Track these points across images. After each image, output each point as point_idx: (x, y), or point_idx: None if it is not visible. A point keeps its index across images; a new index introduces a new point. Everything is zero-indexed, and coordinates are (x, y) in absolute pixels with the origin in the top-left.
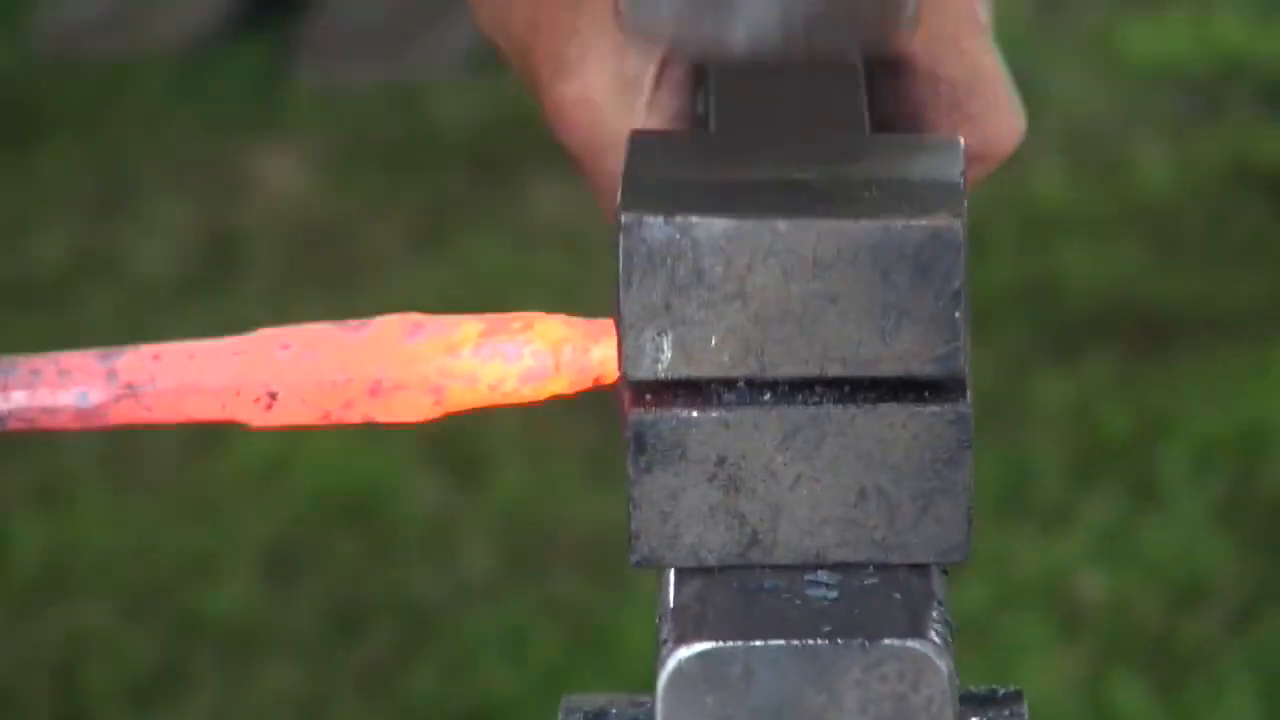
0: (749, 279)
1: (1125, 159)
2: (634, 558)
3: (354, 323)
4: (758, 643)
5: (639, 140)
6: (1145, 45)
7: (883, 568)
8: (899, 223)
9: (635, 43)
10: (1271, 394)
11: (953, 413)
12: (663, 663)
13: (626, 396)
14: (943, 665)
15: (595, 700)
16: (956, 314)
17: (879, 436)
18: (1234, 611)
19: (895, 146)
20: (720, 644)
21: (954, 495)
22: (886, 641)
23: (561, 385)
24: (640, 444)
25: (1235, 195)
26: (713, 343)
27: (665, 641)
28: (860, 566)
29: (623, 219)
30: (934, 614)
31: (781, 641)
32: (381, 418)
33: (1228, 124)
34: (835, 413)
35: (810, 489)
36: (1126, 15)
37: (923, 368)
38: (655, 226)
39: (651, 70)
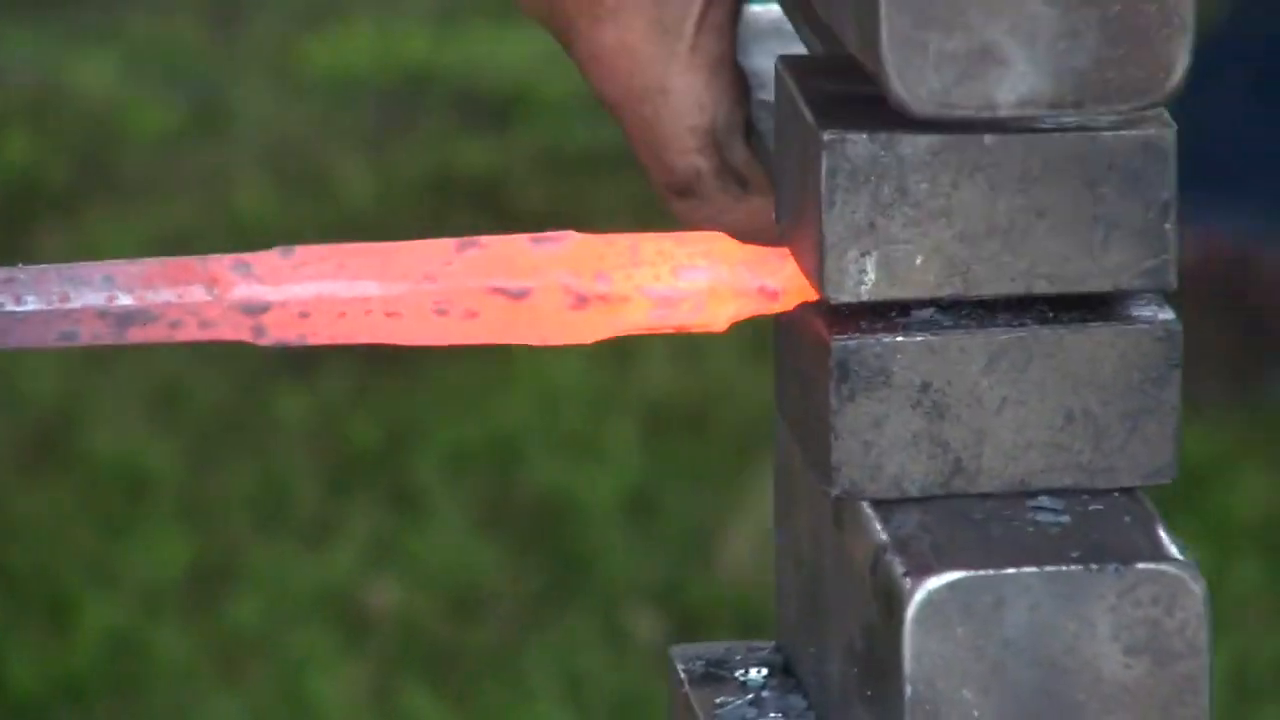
0: (954, 195)
1: (326, 173)
2: (835, 490)
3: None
4: (1010, 570)
5: (791, 62)
6: (327, 59)
7: (1091, 492)
8: (1108, 133)
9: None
10: (518, 403)
11: (1162, 329)
12: (908, 595)
13: (821, 322)
14: (1197, 588)
15: (711, 649)
16: (1167, 225)
17: (1087, 356)
18: (519, 614)
19: None
20: (971, 573)
21: (1162, 415)
22: (1141, 565)
23: (737, 311)
24: (844, 371)
25: (439, 204)
26: (918, 262)
27: (903, 574)
28: (1068, 491)
29: (825, 137)
30: (1169, 536)
31: (1034, 568)
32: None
33: (423, 134)
34: (1042, 333)
35: (1015, 413)
36: (304, 30)
37: (1133, 281)
38: (859, 144)
39: (694, 15)
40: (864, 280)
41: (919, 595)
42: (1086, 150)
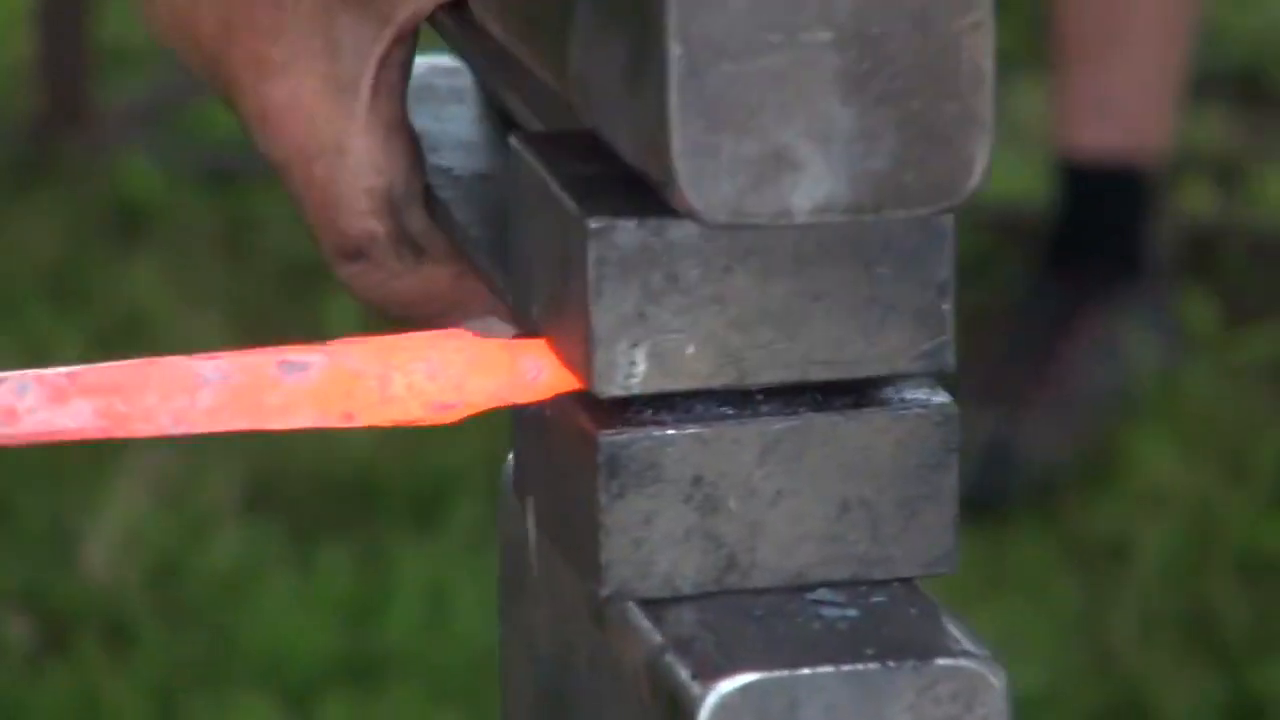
0: (727, 281)
1: None
2: (604, 591)
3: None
4: (805, 670)
5: (531, 140)
6: None
7: (868, 583)
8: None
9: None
10: None
11: (939, 413)
12: (697, 699)
13: (585, 415)
14: (997, 682)
15: None
16: (945, 305)
17: (863, 443)
18: None
19: None
20: (765, 674)
21: (940, 502)
22: (940, 661)
23: (478, 406)
24: (613, 467)
25: None
26: (689, 351)
27: (690, 676)
28: (846, 584)
29: (591, 225)
30: (961, 629)
31: (830, 668)
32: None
33: None
34: (817, 421)
35: (790, 504)
36: None
37: (911, 364)
38: (628, 231)
39: (369, 72)
40: (634, 373)
41: (710, 700)
42: (861, 232)
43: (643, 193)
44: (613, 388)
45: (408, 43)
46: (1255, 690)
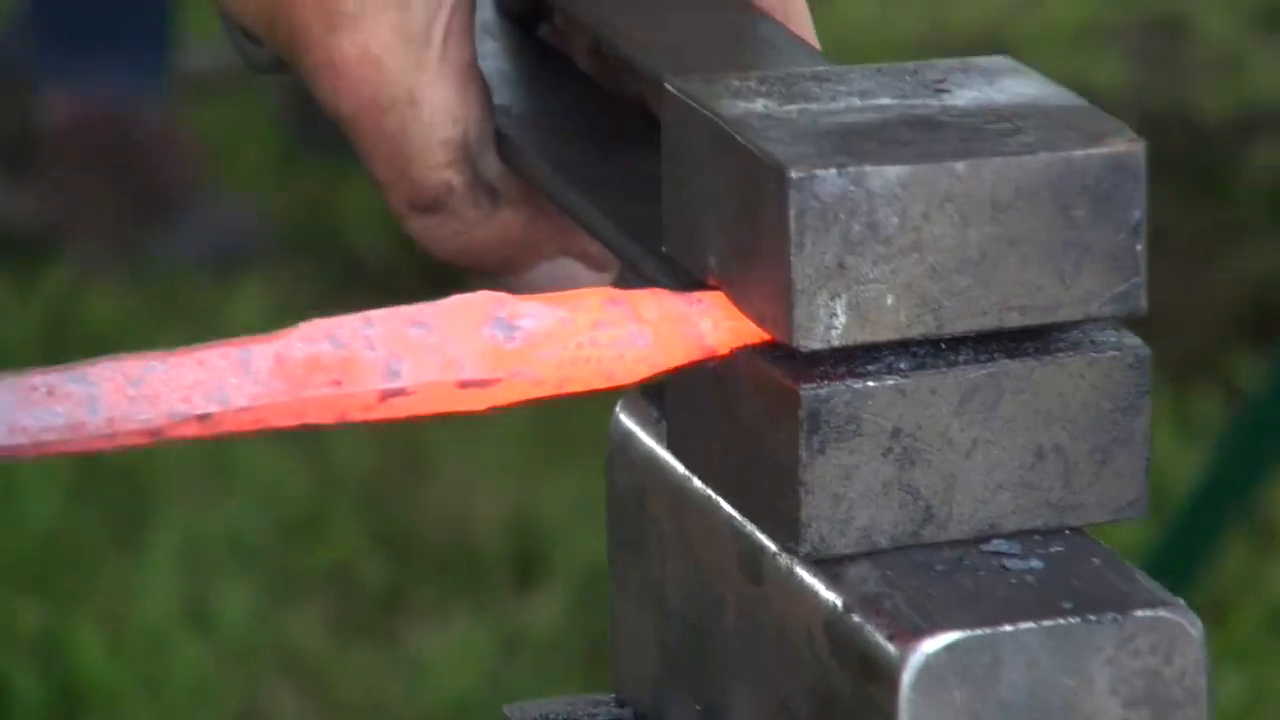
0: (925, 228)
1: None
2: (803, 548)
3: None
4: (1007, 627)
5: (688, 84)
6: None
7: (1043, 532)
8: (1079, 153)
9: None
10: None
11: (1132, 356)
12: (900, 660)
13: (780, 371)
14: (1195, 633)
15: (551, 706)
16: (1138, 247)
17: (1058, 389)
18: None
19: (959, 72)
20: (968, 633)
21: (1132, 446)
22: (1139, 613)
23: (665, 363)
24: (814, 422)
25: None
26: (889, 302)
27: (889, 637)
28: (1022, 534)
29: (792, 175)
30: (1148, 579)
31: (1032, 624)
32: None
33: None
34: (1013, 368)
35: (986, 454)
36: None
37: (1103, 308)
38: (828, 180)
39: (441, 21)
40: (834, 325)
41: (915, 660)
42: (1060, 172)
43: (852, 142)
44: (813, 341)
45: None
46: None
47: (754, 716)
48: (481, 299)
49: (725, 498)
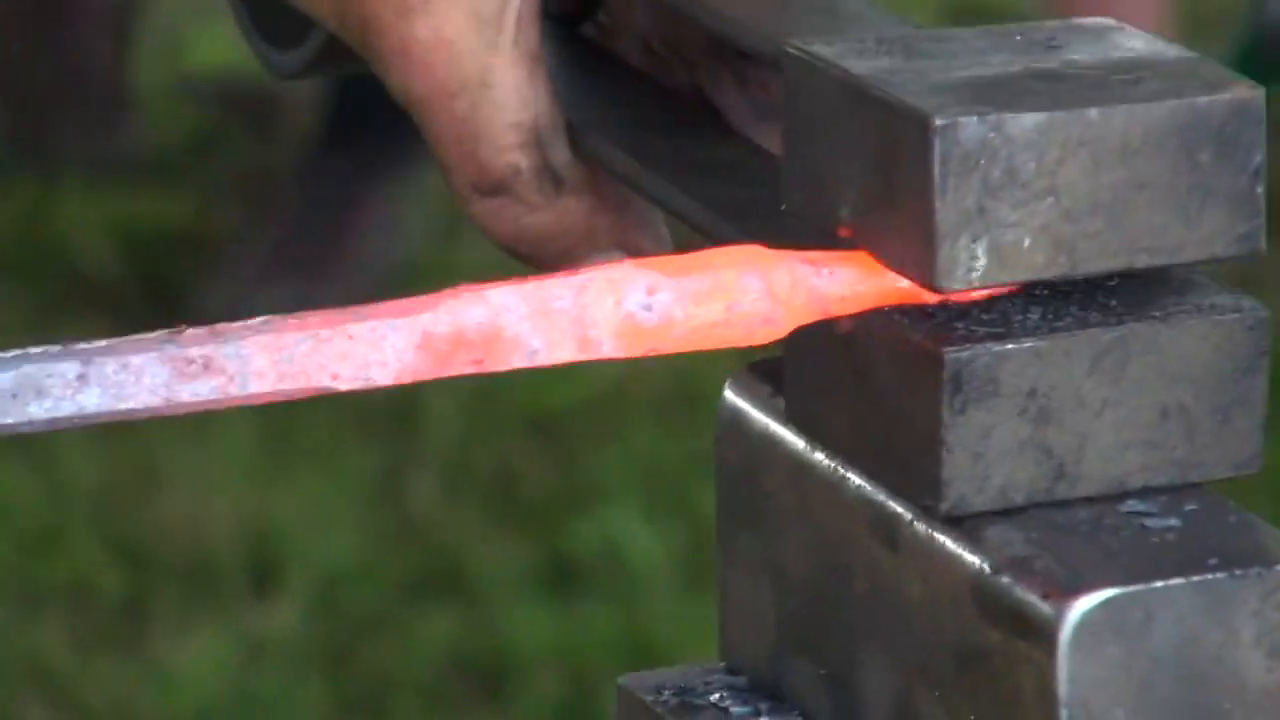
0: (1060, 173)
1: None
2: (944, 506)
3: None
4: (1159, 583)
5: (828, 49)
6: None
7: (1169, 490)
8: (1204, 99)
9: None
10: None
11: (1253, 318)
12: (1057, 618)
13: (920, 334)
14: None
15: (666, 676)
16: (1258, 189)
17: (1181, 351)
18: None
19: (1066, 31)
20: (1122, 589)
21: (1250, 405)
22: None
23: (796, 319)
24: (957, 383)
25: None
26: (1026, 244)
27: (1043, 595)
28: (1151, 491)
29: (936, 122)
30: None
31: (1182, 580)
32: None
33: None
34: (1141, 330)
35: (1115, 413)
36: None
37: (1227, 249)
38: (969, 127)
39: (513, 5)
40: (975, 267)
41: (1072, 617)
42: (1185, 118)
43: (984, 92)
44: (955, 283)
45: None
46: (565, 550)
47: (886, 679)
48: (625, 273)
49: (854, 464)
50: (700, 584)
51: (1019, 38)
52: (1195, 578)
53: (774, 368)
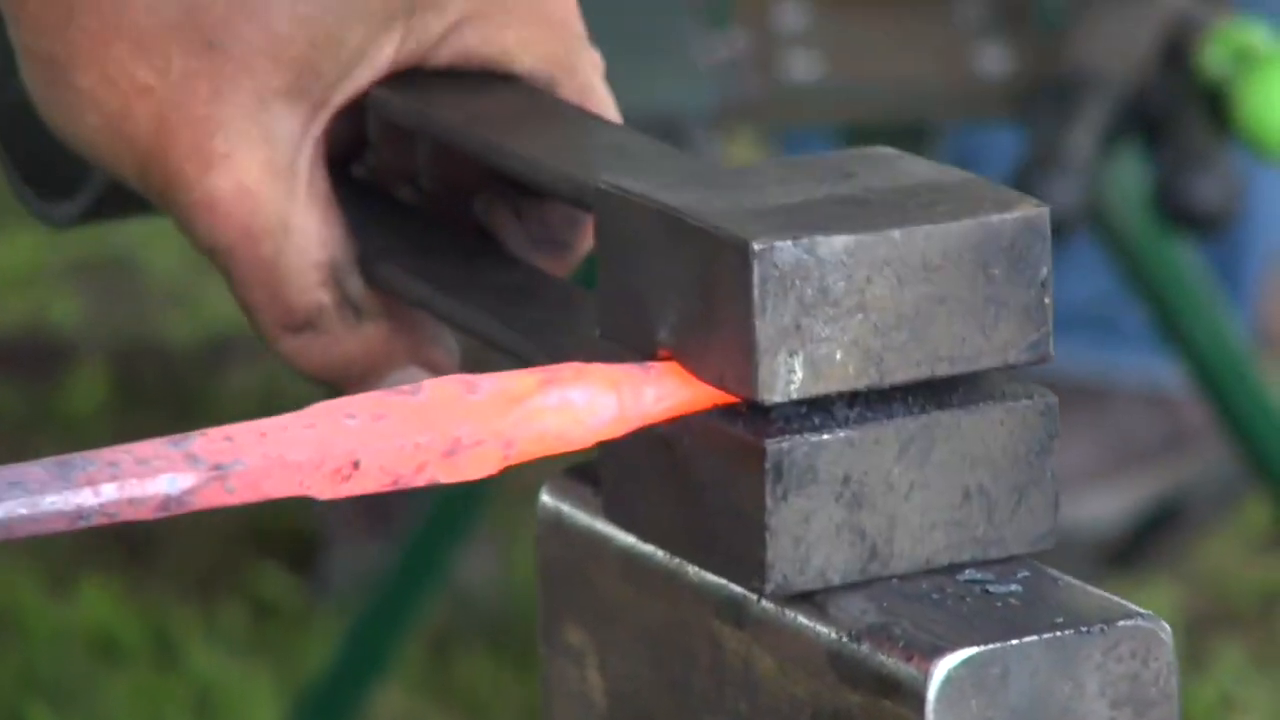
0: (868, 290)
1: None
2: (768, 588)
3: (407, 388)
4: (1014, 642)
5: (622, 185)
6: None
7: (995, 563)
8: (995, 217)
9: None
10: None
11: (1043, 404)
12: (924, 676)
13: (742, 427)
14: (1166, 637)
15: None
16: (1046, 300)
17: (981, 436)
18: None
19: (857, 160)
20: (982, 648)
21: (1043, 485)
22: (1121, 623)
23: (623, 427)
24: (778, 472)
25: None
26: (838, 357)
27: (907, 658)
28: (984, 564)
29: (755, 247)
30: (1107, 595)
31: (1034, 637)
32: (447, 478)
33: None
34: (943, 418)
35: (922, 495)
36: None
37: (1019, 356)
38: (785, 250)
39: (305, 153)
40: (793, 380)
41: (938, 675)
42: (981, 235)
43: (798, 216)
44: (775, 395)
45: (341, 119)
46: None
47: None
48: (450, 383)
49: (680, 554)
50: None
51: (815, 167)
52: (1046, 635)
53: (589, 471)
